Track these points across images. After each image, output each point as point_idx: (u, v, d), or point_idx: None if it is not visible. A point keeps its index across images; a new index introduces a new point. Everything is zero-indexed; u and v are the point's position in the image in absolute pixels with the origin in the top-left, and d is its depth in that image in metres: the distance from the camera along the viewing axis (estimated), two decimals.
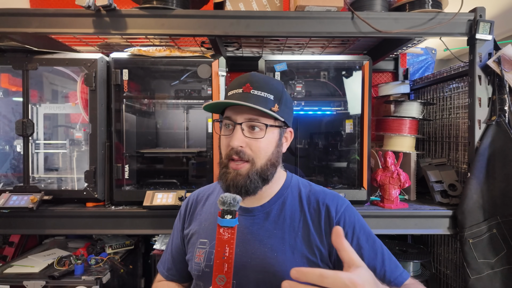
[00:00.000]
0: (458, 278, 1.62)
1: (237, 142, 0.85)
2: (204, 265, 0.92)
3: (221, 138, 0.92)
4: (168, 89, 1.75)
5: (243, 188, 0.86)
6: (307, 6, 1.35)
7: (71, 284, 1.29)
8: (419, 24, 1.37)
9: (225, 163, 0.90)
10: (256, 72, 0.95)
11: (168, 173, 1.67)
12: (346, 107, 1.58)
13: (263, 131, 0.88)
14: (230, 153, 0.87)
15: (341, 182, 1.61)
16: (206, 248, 0.94)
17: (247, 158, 0.86)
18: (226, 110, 0.91)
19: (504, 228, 1.32)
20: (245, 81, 0.88)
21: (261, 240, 0.89)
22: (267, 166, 0.89)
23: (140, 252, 1.71)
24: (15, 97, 1.57)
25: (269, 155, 0.89)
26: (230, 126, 0.89)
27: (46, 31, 1.35)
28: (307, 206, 0.93)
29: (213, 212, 0.99)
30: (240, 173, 0.86)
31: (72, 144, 1.54)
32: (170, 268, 1.06)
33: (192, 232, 0.99)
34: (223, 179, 0.89)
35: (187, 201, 1.08)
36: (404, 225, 1.41)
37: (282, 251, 0.88)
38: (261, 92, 0.87)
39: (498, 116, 1.35)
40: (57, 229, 1.42)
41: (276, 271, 0.86)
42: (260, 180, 0.88)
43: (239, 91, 0.88)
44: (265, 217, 0.92)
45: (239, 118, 0.87)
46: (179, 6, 1.39)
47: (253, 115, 0.87)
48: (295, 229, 0.90)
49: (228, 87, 0.93)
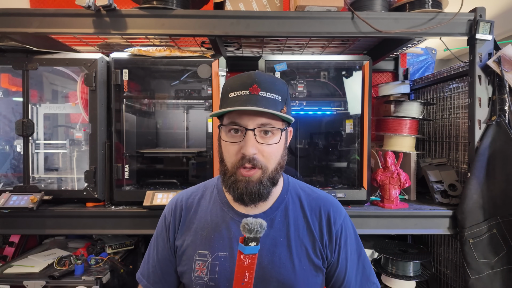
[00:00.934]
0: (458, 278, 1.62)
1: (252, 150, 0.80)
2: (208, 279, 0.87)
3: (227, 145, 0.85)
4: (168, 89, 1.75)
5: (257, 195, 0.84)
6: (307, 6, 1.35)
7: (71, 284, 1.29)
8: (419, 24, 1.37)
9: (231, 170, 0.84)
10: (258, 70, 0.90)
11: (168, 173, 1.67)
12: (346, 107, 1.58)
13: (276, 136, 0.84)
14: (242, 161, 0.82)
15: (341, 182, 1.61)
16: (208, 260, 0.88)
17: (259, 165, 0.82)
18: (230, 114, 0.84)
19: (504, 228, 1.32)
20: (251, 81, 0.82)
21: (268, 249, 0.87)
22: (277, 170, 0.87)
23: (140, 252, 1.71)
24: (15, 97, 1.57)
25: (279, 159, 0.87)
26: (238, 132, 0.83)
27: (46, 31, 1.35)
28: (309, 212, 0.92)
29: (209, 220, 0.92)
30: (251, 180, 0.83)
31: (72, 144, 1.54)
32: (157, 282, 0.96)
33: (186, 243, 0.92)
34: (233, 188, 0.84)
35: (173, 207, 0.97)
36: (404, 225, 1.41)
37: (289, 259, 0.86)
38: (269, 93, 0.82)
39: (498, 116, 1.35)
40: (57, 229, 1.42)
41: (285, 279, 0.85)
42: (271, 184, 0.86)
43: (245, 93, 0.82)
44: (270, 225, 0.89)
45: (251, 124, 0.81)
46: (179, 6, 1.39)
47: (266, 119, 0.82)
48: (300, 236, 0.89)
49: (228, 88, 0.86)
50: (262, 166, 0.83)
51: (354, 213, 1.39)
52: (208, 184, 1.02)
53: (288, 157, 0.94)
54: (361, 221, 1.40)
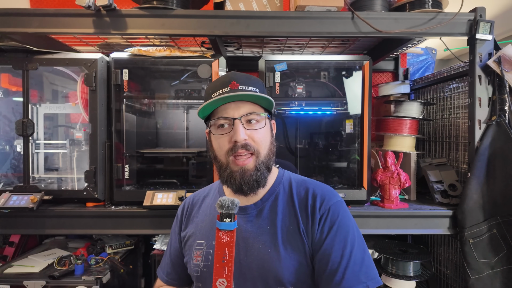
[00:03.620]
0: (458, 278, 1.62)
1: (242, 135, 0.86)
2: (202, 266, 0.92)
3: (217, 139, 0.91)
4: (168, 89, 1.75)
5: (254, 182, 0.88)
6: (307, 6, 1.35)
7: (71, 284, 1.29)
8: (419, 24, 1.37)
9: (226, 163, 0.89)
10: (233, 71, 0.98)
11: (168, 173, 1.67)
12: (346, 107, 1.58)
13: (260, 122, 0.91)
14: (234, 149, 0.87)
15: (341, 182, 1.61)
16: (203, 248, 0.94)
17: (252, 150, 0.88)
18: (217, 111, 0.91)
19: (504, 228, 1.32)
20: (229, 80, 0.90)
21: (254, 237, 0.90)
22: (269, 155, 0.92)
23: (140, 252, 1.71)
24: (15, 97, 1.57)
25: (269, 145, 0.92)
26: (225, 125, 0.89)
27: (46, 31, 1.35)
28: (297, 198, 0.93)
29: (208, 213, 0.99)
30: (247, 168, 0.88)
31: (72, 144, 1.54)
32: (169, 272, 1.06)
33: (189, 234, 1.00)
34: (230, 180, 0.89)
35: (183, 205, 1.09)
36: (404, 225, 1.41)
37: (275, 246, 0.88)
38: (247, 87, 0.90)
39: (498, 116, 1.35)
40: (57, 229, 1.42)
41: (270, 267, 0.86)
42: (266, 170, 0.91)
43: (226, 89, 0.89)
44: (258, 214, 0.93)
45: (236, 113, 0.88)
46: (179, 6, 1.39)
47: (249, 108, 0.89)
48: (287, 224, 0.90)
49: (210, 90, 0.92)
50: (255, 151, 0.89)
51: (354, 213, 1.39)
52: (214, 184, 1.10)
53: (288, 157, 0.95)
54: (361, 221, 1.40)
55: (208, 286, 0.91)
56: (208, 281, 0.91)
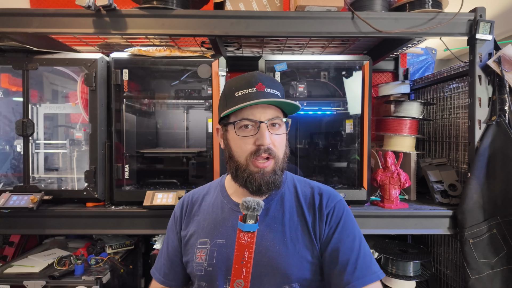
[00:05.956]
0: (458, 278, 1.62)
1: (268, 140, 0.88)
2: (207, 264, 0.92)
3: (239, 139, 0.91)
4: (168, 89, 1.75)
5: (273, 184, 0.91)
6: (307, 6, 1.35)
7: (71, 284, 1.29)
8: (419, 24, 1.37)
9: (245, 164, 0.90)
10: (258, 71, 0.98)
11: (168, 173, 1.67)
12: (346, 107, 1.58)
13: (282, 127, 0.93)
14: (258, 152, 0.88)
15: (341, 182, 1.61)
16: (207, 247, 0.94)
17: (273, 154, 0.90)
18: (240, 111, 0.90)
19: (504, 228, 1.32)
20: (256, 80, 0.90)
21: (262, 235, 0.91)
22: (285, 159, 0.95)
23: (140, 252, 1.71)
24: (15, 97, 1.57)
25: (285, 149, 0.95)
26: (249, 127, 0.90)
27: (46, 31, 1.35)
28: (303, 199, 0.96)
29: (211, 212, 0.99)
30: (266, 171, 0.90)
31: (72, 144, 1.54)
32: (167, 273, 1.03)
33: (190, 233, 0.99)
34: (250, 180, 0.90)
35: (181, 203, 1.07)
36: (404, 225, 1.41)
37: (284, 244, 0.89)
38: (273, 90, 0.91)
39: (498, 116, 1.35)
40: (57, 229, 1.42)
41: (279, 264, 0.87)
42: (281, 172, 0.93)
43: (253, 90, 0.89)
44: (265, 213, 0.94)
45: (263, 117, 0.89)
46: (179, 6, 1.39)
47: (274, 112, 0.91)
48: (295, 222, 0.93)
49: (233, 88, 0.92)
50: (275, 156, 0.90)
51: (354, 213, 1.35)
52: (214, 183, 1.10)
53: (288, 157, 0.98)
54: (361, 221, 1.40)
55: (211, 284, 0.91)
56: (212, 280, 0.91)
